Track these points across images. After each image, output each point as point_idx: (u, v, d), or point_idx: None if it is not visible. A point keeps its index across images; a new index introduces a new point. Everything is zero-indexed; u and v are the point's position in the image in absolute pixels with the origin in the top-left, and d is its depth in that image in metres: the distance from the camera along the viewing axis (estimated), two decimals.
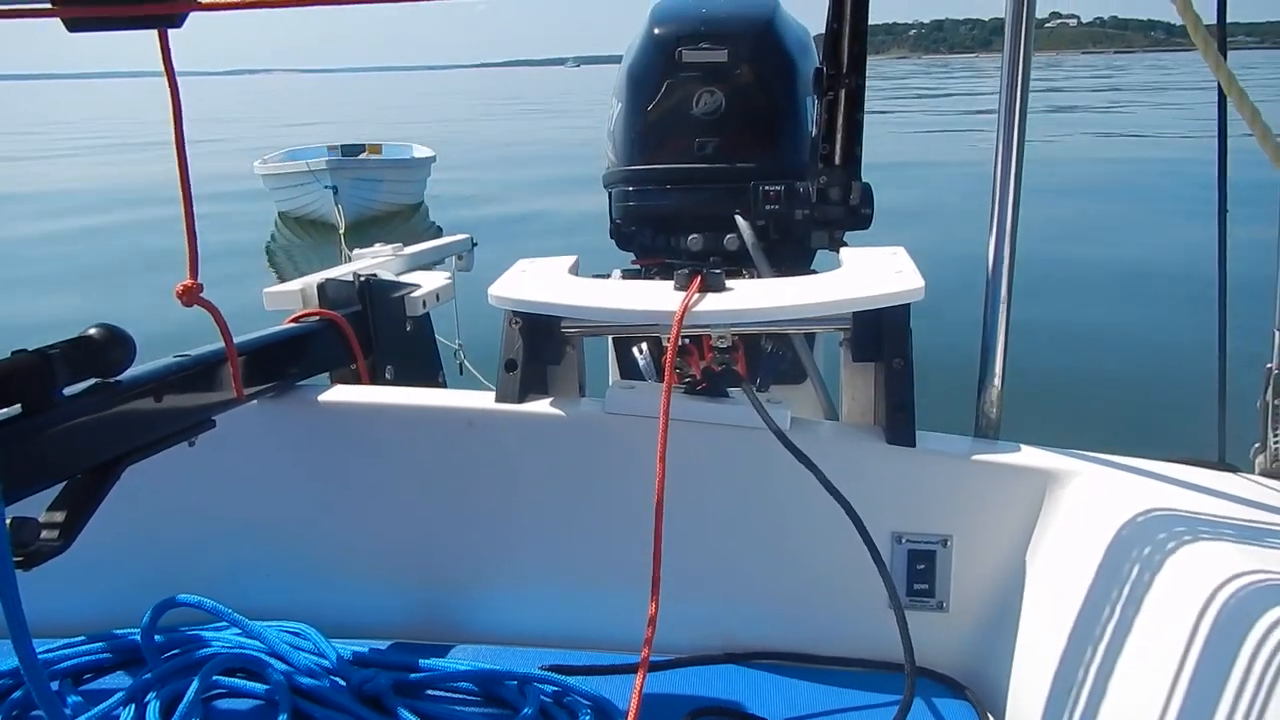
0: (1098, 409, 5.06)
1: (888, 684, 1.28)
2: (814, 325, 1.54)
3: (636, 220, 1.81)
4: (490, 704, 1.24)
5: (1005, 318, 1.35)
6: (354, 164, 11.70)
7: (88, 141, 28.83)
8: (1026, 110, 1.28)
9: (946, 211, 10.65)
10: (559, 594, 1.43)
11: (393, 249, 2.18)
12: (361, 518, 1.45)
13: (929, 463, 1.32)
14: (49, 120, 46.75)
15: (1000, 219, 1.32)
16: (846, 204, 1.61)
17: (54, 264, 9.78)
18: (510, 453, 1.41)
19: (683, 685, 1.29)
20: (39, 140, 31.10)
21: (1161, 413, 4.81)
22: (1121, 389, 5.45)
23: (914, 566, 1.34)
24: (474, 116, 38.90)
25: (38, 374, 0.99)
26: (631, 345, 1.92)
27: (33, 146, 27.65)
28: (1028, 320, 1.54)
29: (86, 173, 17.32)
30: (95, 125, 39.47)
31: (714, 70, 1.72)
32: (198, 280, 1.19)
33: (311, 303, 1.69)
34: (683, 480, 1.25)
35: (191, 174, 1.17)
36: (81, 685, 1.28)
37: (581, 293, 1.39)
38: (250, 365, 1.35)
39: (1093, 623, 1.10)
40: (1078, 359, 5.91)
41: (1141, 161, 16.15)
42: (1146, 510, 1.14)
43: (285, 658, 1.26)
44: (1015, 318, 1.35)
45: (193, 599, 1.29)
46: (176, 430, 1.20)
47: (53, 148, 26.54)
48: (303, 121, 36.53)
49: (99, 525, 1.06)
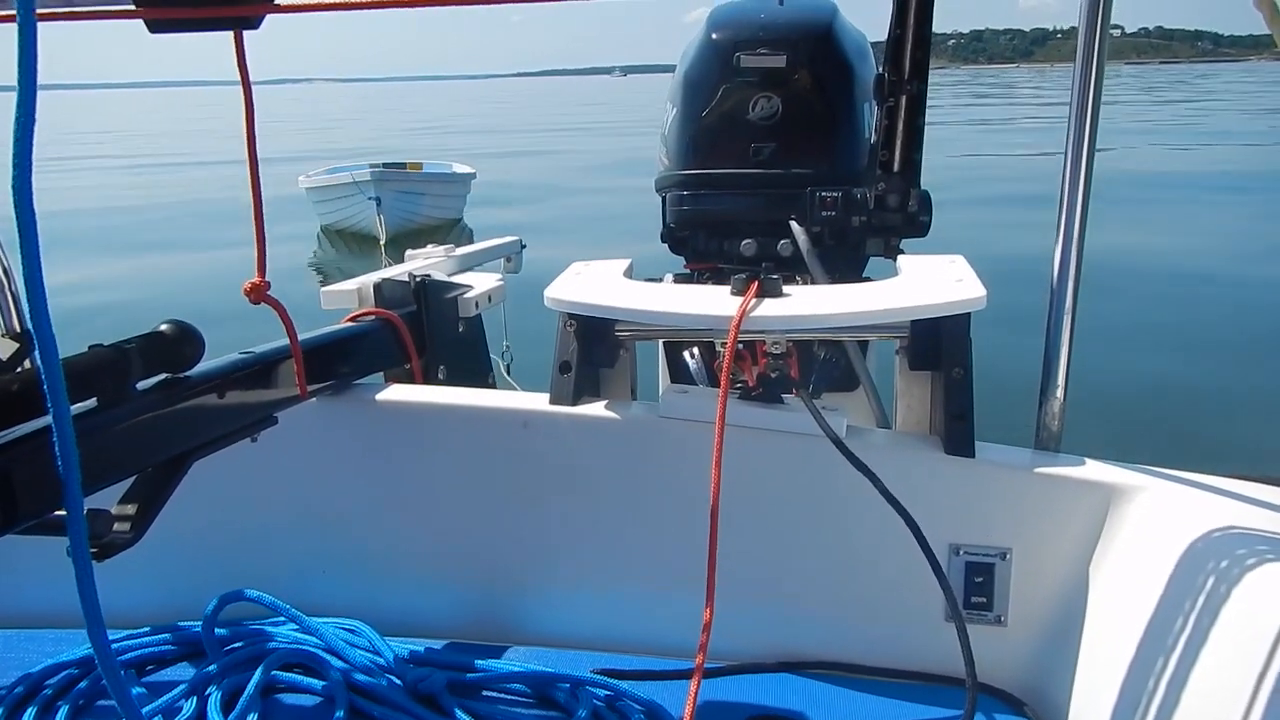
0: (1164, 423, 4.91)
1: (945, 698, 1.26)
2: (871, 333, 1.53)
3: (689, 224, 1.81)
4: (543, 706, 1.24)
5: (1070, 327, 1.32)
6: (397, 176, 11.84)
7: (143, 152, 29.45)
8: (1099, 114, 1.26)
9: (996, 219, 10.51)
10: (612, 597, 1.43)
11: (445, 250, 2.19)
12: (416, 517, 1.46)
13: (988, 474, 1.30)
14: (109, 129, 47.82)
15: (1068, 225, 1.30)
16: (905, 211, 1.59)
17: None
18: (564, 454, 1.41)
19: (737, 693, 1.28)
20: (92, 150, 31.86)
21: (1232, 428, 4.67)
22: (1190, 402, 5.27)
23: (972, 579, 1.32)
24: (514, 127, 39.16)
25: (113, 368, 1.01)
26: (683, 350, 1.91)
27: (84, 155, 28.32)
28: (1090, 329, 1.51)
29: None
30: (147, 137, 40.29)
31: (772, 75, 1.72)
32: (265, 278, 1.21)
33: (368, 302, 1.71)
34: (737, 486, 1.24)
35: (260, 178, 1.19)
36: (145, 676, 1.30)
37: (638, 296, 1.39)
38: (310, 363, 1.36)
39: (1159, 642, 1.07)
40: (1143, 370, 5.72)
41: (1216, 164, 15.82)
42: (1217, 528, 1.11)
43: (342, 655, 1.27)
44: (1079, 326, 1.33)
45: (253, 594, 1.31)
46: (241, 426, 1.22)
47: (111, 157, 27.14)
48: (342, 133, 37.05)
49: (162, 519, 1.07)
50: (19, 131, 0.68)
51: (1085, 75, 1.24)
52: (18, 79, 0.67)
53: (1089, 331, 1.41)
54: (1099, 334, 5.75)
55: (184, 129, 42.79)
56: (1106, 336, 5.85)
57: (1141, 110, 32.11)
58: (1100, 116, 1.26)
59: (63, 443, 0.77)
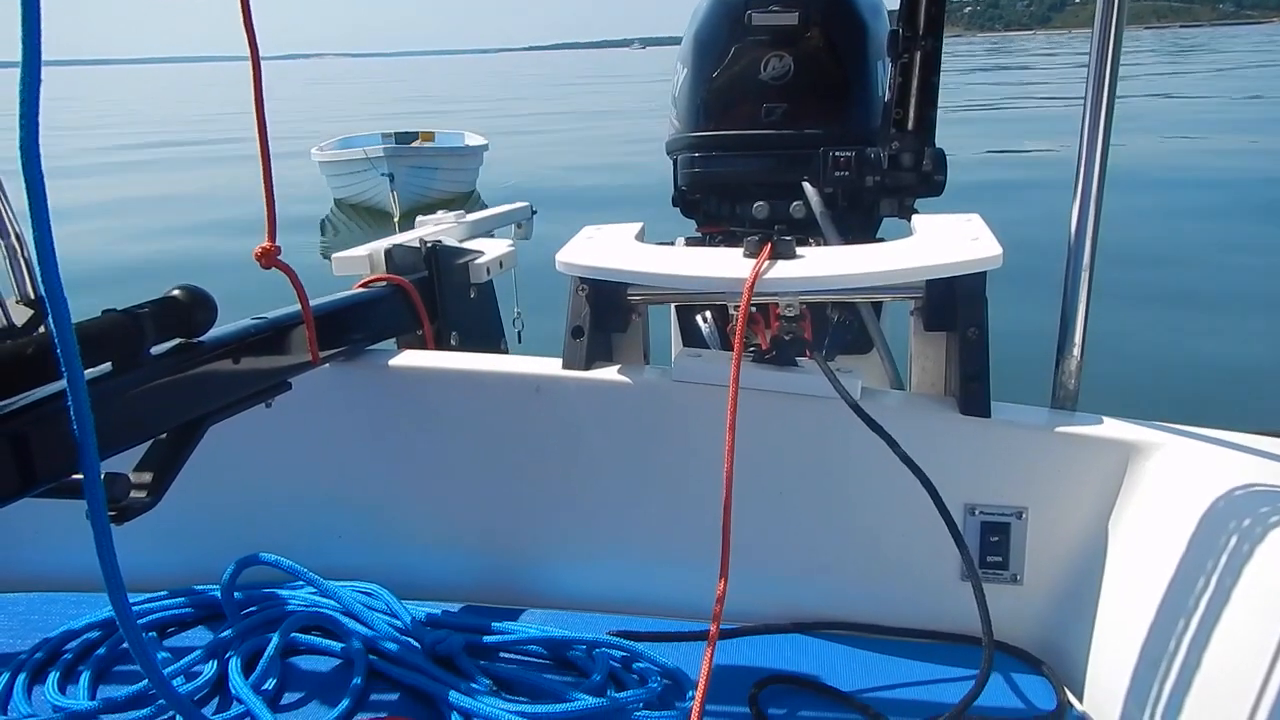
0: (1182, 381, 4.84)
1: (961, 656, 1.26)
2: (886, 294, 1.52)
3: (701, 187, 1.79)
4: (560, 668, 1.25)
5: (1088, 285, 1.31)
6: (410, 151, 11.81)
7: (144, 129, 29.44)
8: (1117, 75, 1.24)
9: (1017, 181, 10.37)
10: (626, 560, 1.43)
11: (455, 216, 2.19)
12: (430, 481, 1.47)
13: (1004, 434, 1.30)
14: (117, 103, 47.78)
15: (1085, 185, 1.28)
16: (919, 170, 1.57)
17: None
18: (577, 419, 1.41)
19: (751, 655, 1.29)
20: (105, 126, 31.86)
21: (1249, 385, 4.60)
22: (1208, 360, 5.20)
23: (987, 538, 1.31)
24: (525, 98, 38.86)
25: (127, 334, 1.01)
26: (695, 314, 1.90)
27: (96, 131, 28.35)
28: (1107, 287, 1.49)
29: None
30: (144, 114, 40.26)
31: (783, 34, 1.69)
32: (276, 243, 1.21)
33: (379, 268, 1.71)
34: (751, 449, 1.24)
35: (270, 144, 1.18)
36: (165, 639, 1.32)
37: (650, 259, 1.38)
38: (322, 329, 1.36)
39: (1178, 599, 1.07)
40: (1160, 329, 5.66)
41: (1229, 126, 15.60)
42: (1236, 484, 1.10)
43: (360, 617, 1.28)
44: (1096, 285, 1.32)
45: (270, 557, 1.32)
46: (256, 391, 1.22)
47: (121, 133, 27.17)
48: (355, 106, 36.88)
49: (180, 483, 1.08)
50: (25, 93, 0.67)
51: (1104, 37, 1.22)
52: (21, 44, 0.67)
53: (1106, 290, 1.39)
54: (1116, 293, 5.69)
55: (201, 107, 42.75)
56: (1123, 295, 5.78)
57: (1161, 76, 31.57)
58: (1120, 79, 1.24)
59: (77, 406, 0.77)
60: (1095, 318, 1.34)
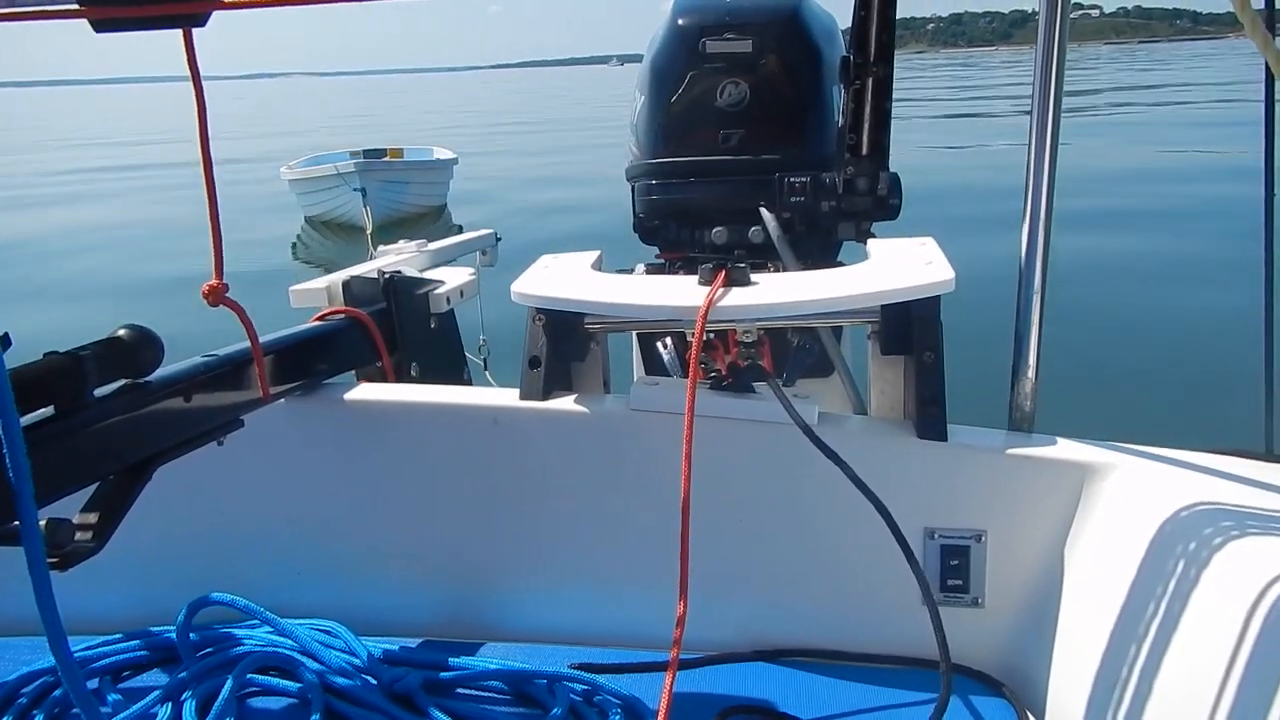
0: (1137, 401, 4.93)
1: (922, 681, 1.26)
2: (841, 319, 1.53)
3: (660, 214, 1.80)
4: (521, 703, 1.24)
5: (1039, 307, 1.32)
6: (382, 166, 11.81)
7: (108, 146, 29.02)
8: (1061, 96, 1.26)
9: (971, 202, 10.55)
10: (587, 592, 1.42)
11: (417, 245, 2.18)
12: (388, 515, 1.45)
13: (961, 457, 1.30)
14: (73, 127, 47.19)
15: (1034, 206, 1.30)
16: (874, 194, 1.59)
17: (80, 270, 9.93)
18: (535, 450, 1.41)
19: (713, 684, 1.28)
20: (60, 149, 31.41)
21: (1204, 403, 4.65)
22: (1162, 379, 5.30)
23: (947, 562, 1.32)
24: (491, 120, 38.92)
25: (70, 375, 1.00)
26: (656, 340, 1.91)
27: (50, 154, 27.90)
28: (1061, 309, 1.51)
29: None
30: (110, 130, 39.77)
31: (738, 61, 1.70)
32: (223, 280, 1.19)
33: (337, 300, 1.70)
34: (709, 477, 1.24)
35: (216, 174, 1.17)
36: (120, 683, 1.29)
37: (605, 289, 1.38)
38: (277, 364, 1.35)
39: (1135, 619, 1.08)
40: (1114, 349, 5.76)
41: (1183, 145, 15.91)
42: (1190, 503, 1.11)
43: (317, 656, 1.26)
44: (1049, 306, 1.33)
45: (225, 597, 1.30)
46: (206, 430, 1.20)
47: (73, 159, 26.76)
48: (323, 125, 36.68)
49: (132, 525, 1.06)
50: None
51: (1048, 58, 1.23)
52: None
53: (1059, 312, 1.41)
54: (1069, 315, 5.79)
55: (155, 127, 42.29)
56: (1077, 318, 5.88)
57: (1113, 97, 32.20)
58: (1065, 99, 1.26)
59: (13, 453, 0.75)
60: (1050, 338, 1.35)
